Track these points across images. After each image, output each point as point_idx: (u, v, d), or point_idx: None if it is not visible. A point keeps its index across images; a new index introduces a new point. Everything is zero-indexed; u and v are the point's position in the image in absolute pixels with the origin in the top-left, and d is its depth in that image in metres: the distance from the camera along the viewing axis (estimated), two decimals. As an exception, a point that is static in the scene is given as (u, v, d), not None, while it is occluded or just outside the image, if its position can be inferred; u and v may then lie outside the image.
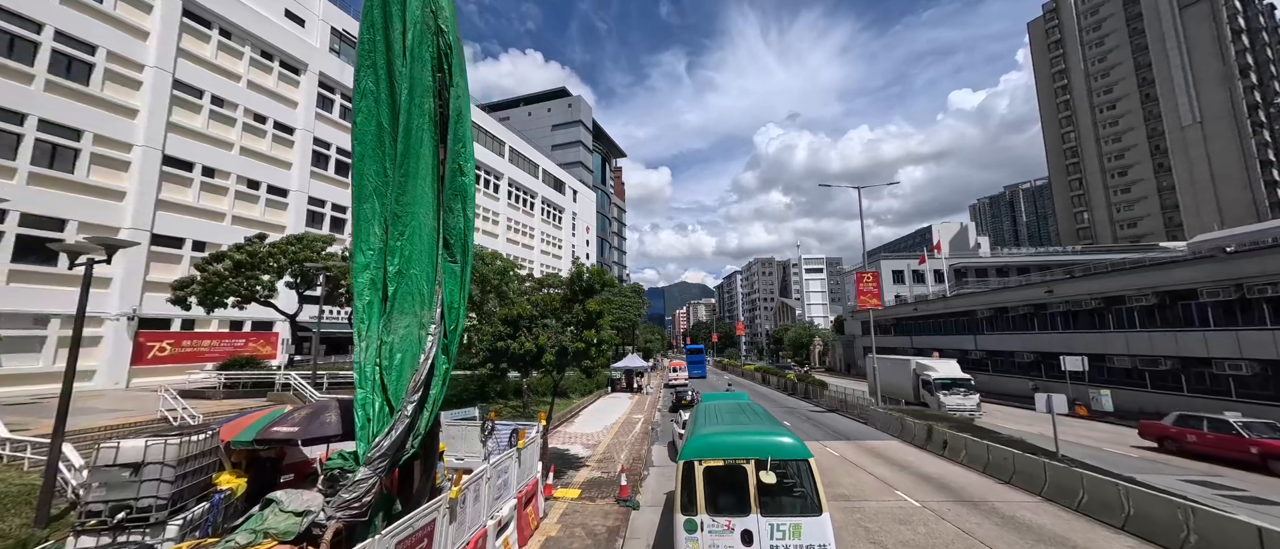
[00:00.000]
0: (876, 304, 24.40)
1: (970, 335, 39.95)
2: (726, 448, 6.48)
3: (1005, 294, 36.16)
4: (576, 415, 25.90)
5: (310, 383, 17.79)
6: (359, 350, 6.75)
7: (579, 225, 71.55)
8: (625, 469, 13.50)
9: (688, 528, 6.14)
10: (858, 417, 23.78)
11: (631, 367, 40.33)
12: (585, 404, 29.47)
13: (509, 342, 12.49)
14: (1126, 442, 18.79)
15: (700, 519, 6.13)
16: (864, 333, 63.48)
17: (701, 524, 6.11)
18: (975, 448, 13.97)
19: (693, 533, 6.11)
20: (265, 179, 27.60)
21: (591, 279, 13.67)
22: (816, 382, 31.93)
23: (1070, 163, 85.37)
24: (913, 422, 17.89)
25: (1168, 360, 24.24)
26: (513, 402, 24.52)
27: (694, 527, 6.11)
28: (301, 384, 17.35)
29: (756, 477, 6.18)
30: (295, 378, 17.54)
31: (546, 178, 62.32)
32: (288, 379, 17.72)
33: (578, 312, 13.15)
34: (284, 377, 17.72)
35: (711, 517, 6.11)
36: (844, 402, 26.52)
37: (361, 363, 6.70)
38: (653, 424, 23.27)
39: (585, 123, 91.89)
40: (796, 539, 5.86)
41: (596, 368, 13.77)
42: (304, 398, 16.51)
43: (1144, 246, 65.71)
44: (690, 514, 6.18)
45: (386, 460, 6.19)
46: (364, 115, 7.51)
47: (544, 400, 27.47)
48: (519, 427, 11.57)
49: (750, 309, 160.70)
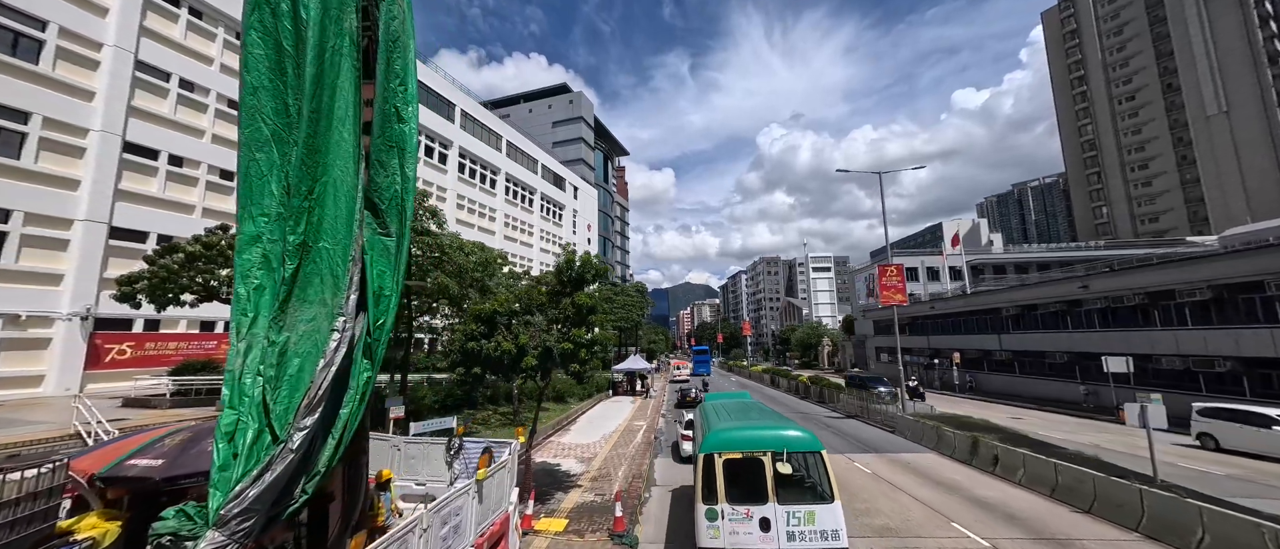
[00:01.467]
0: (901, 300, 22.23)
1: (994, 334, 37.58)
2: (745, 442, 6.76)
3: (1035, 290, 33.79)
4: (573, 422, 23.85)
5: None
6: (233, 355, 4.75)
7: (580, 223, 69.61)
8: (622, 493, 11.44)
9: (709, 517, 6.44)
10: (882, 424, 21.60)
11: (634, 368, 38.29)
12: (583, 410, 27.41)
13: (483, 342, 10.46)
14: (1198, 455, 16.48)
15: (721, 508, 6.43)
16: (877, 332, 61.11)
17: (722, 513, 6.40)
18: (1037, 467, 11.78)
19: (714, 521, 6.40)
20: (241, 170, 25.75)
21: (582, 268, 11.63)
22: (831, 384, 29.76)
23: (1088, 156, 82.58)
24: (951, 432, 15.71)
25: (1227, 361, 21.90)
26: (503, 407, 22.53)
27: (715, 515, 6.41)
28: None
29: (773, 468, 6.48)
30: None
31: (546, 173, 60.43)
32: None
33: (566, 306, 11.10)
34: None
35: (731, 506, 6.41)
36: (865, 407, 24.33)
37: (235, 373, 4.69)
38: (656, 432, 21.18)
39: (587, 119, 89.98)
40: (811, 525, 6.16)
41: (588, 372, 11.72)
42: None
43: (1167, 241, 62.85)
44: (711, 503, 6.48)
45: (255, 518, 4.18)
46: (259, 33, 5.46)
47: (544, 409, 25.59)
48: (491, 445, 9.56)
49: (756, 309, 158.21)
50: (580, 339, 10.57)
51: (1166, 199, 74.28)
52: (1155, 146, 74.91)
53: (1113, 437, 18.97)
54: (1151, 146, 75.26)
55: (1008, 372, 36.09)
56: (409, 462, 9.81)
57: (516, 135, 54.05)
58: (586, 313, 11.00)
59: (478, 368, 10.49)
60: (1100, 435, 19.41)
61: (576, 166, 78.07)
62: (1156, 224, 74.92)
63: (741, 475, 6.60)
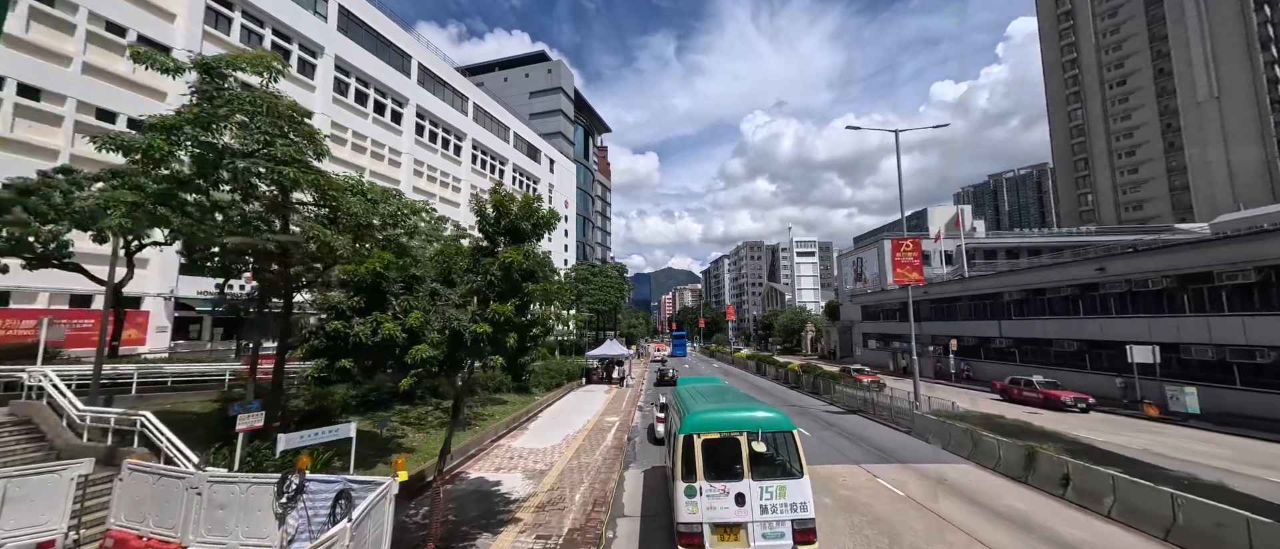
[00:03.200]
0: (918, 278, 19.15)
1: (994, 321, 35.29)
2: (723, 423, 7.04)
3: (1044, 273, 31.33)
4: (534, 418, 20.30)
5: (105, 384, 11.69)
6: None
7: (557, 198, 65.18)
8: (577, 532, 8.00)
9: (688, 493, 6.65)
10: (890, 421, 18.67)
11: (610, 354, 34.86)
12: (549, 402, 23.87)
13: (355, 321, 6.74)
14: (1247, 457, 13.81)
15: (699, 485, 6.65)
16: (865, 318, 58.95)
17: (700, 490, 6.63)
18: (1138, 496, 8.72)
19: (692, 497, 6.62)
20: (127, 110, 20.93)
21: (521, 215, 7.94)
22: (826, 374, 26.84)
23: (1076, 142, 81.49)
24: (991, 439, 12.67)
25: (1270, 352, 19.58)
26: (448, 403, 18.76)
27: (694, 492, 6.63)
28: (59, 387, 10.74)
29: (748, 447, 6.78)
30: (50, 377, 10.97)
31: (519, 143, 55.67)
32: (40, 378, 11.03)
33: (489, 268, 7.40)
34: (39, 374, 11.12)
35: (709, 483, 6.65)
36: (868, 401, 21.41)
37: None
38: (631, 431, 17.81)
39: (567, 91, 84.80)
40: (782, 499, 6.53)
41: (529, 366, 8.11)
42: (58, 410, 10.47)
43: (1151, 228, 62.01)
44: (690, 481, 6.70)
45: None
46: None
47: (501, 401, 21.83)
48: (349, 487, 5.93)
49: (738, 294, 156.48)
50: (504, 317, 6.91)
51: (1151, 187, 73.72)
52: (1143, 132, 73.99)
53: (1166, 440, 16.34)
54: (1140, 132, 74.32)
55: (1007, 360, 33.89)
56: (216, 514, 6.14)
57: (486, 99, 49.16)
58: (520, 279, 7.33)
59: (346, 360, 6.76)
60: (1144, 436, 16.79)
61: (555, 140, 73.23)
62: (1140, 212, 74.45)
63: (718, 454, 6.89)
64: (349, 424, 9.92)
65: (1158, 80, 72.38)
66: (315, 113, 29.74)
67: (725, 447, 6.86)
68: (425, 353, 6.44)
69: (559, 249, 63.71)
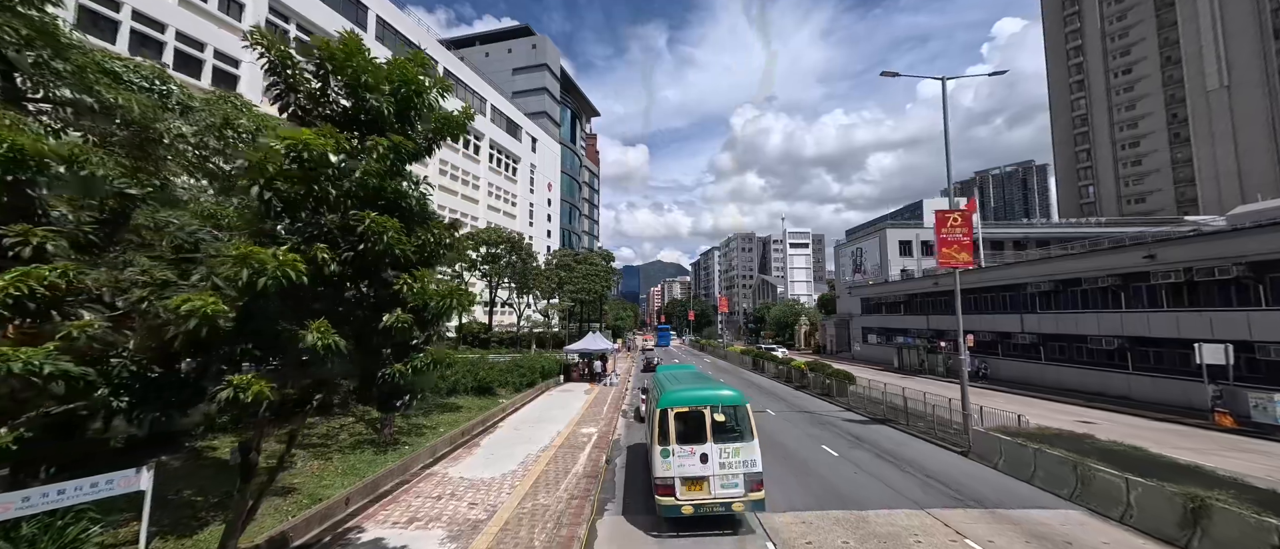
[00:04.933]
0: (967, 260, 15.49)
1: (1014, 314, 32.13)
2: (691, 400, 8.76)
3: (1078, 261, 28.06)
4: (491, 430, 16.35)
5: None
6: None
7: (539, 180, 60.74)
8: None
9: (663, 454, 8.34)
10: (934, 436, 15.10)
11: (592, 348, 30.93)
12: (515, 406, 19.92)
13: None
14: None
15: (672, 448, 8.33)
16: (865, 311, 55.84)
17: (673, 452, 8.31)
18: None
19: (667, 458, 8.29)
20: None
21: (368, 78, 3.90)
22: (840, 374, 23.30)
23: (1079, 132, 79.19)
24: (1113, 478, 9.02)
25: (1376, 352, 16.43)
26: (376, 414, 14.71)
27: (668, 453, 8.31)
28: None
29: (711, 418, 8.52)
30: None
31: (497, 117, 51.05)
32: None
33: (326, 199, 3.38)
34: None
35: (680, 445, 8.36)
36: (897, 407, 17.87)
37: None
38: (612, 448, 13.98)
39: (552, 68, 79.95)
40: (737, 457, 8.25)
41: (409, 381, 4.18)
42: None
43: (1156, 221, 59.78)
44: (665, 445, 8.40)
45: None
46: None
47: (454, 407, 17.55)
48: None
49: (728, 287, 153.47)
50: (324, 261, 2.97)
51: (1155, 179, 71.73)
52: (1148, 123, 71.81)
53: (1210, 449, 13.02)
54: (1144, 123, 72.13)
55: (1030, 357, 30.81)
56: None
57: (458, 64, 44.43)
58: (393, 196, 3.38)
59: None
60: (1248, 459, 13.43)
61: (539, 120, 68.52)
62: (1143, 205, 72.51)
63: (687, 424, 8.56)
64: (137, 472, 5.95)
65: (1165, 69, 70.08)
66: (242, 63, 25.21)
67: (693, 418, 8.57)
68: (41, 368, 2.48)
69: (541, 235, 59.42)
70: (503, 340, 37.08)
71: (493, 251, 33.18)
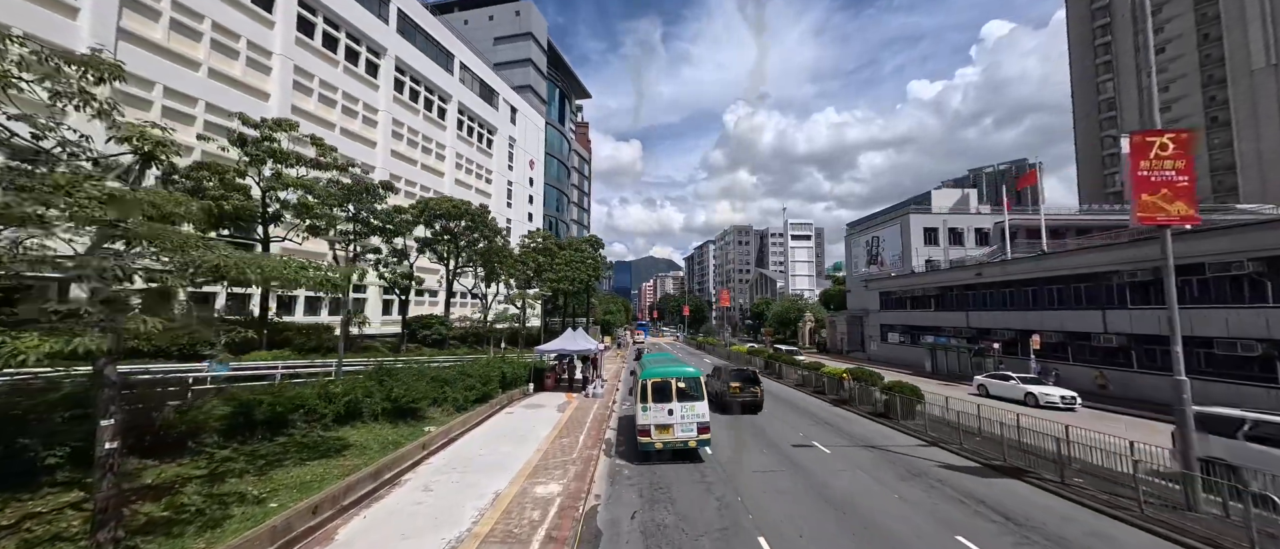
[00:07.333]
0: (1186, 213, 9.21)
1: (1095, 310, 26.14)
2: (663, 374, 12.67)
3: (1205, 241, 21.63)
4: (376, 496, 9.69)
5: None
6: None
7: (520, 156, 53.83)
8: None
9: (643, 410, 12.17)
10: (1132, 511, 8.90)
11: (573, 349, 24.38)
12: (446, 437, 13.23)
13: None
14: None
15: (650, 406, 12.16)
16: (883, 307, 49.77)
17: (650, 408, 12.14)
18: None
19: (646, 412, 12.12)
20: None
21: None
22: (908, 389, 17.00)
23: (1105, 117, 73.83)
24: None
25: None
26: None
27: (647, 409, 12.14)
28: None
29: (676, 386, 12.31)
30: None
31: (467, 77, 44.00)
32: None
33: None
34: None
35: (654, 404, 12.19)
36: (1029, 449, 11.58)
37: None
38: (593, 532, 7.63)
39: (538, 39, 72.87)
40: (693, 413, 12.14)
41: None
42: None
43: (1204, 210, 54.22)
44: (645, 404, 12.21)
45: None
46: None
47: (341, 443, 10.50)
48: None
49: (723, 281, 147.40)
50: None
51: (1188, 167, 66.50)
52: (1182, 106, 66.52)
53: None
54: (1178, 106, 66.83)
55: (1118, 364, 24.86)
56: None
57: (418, 8, 37.35)
58: None
59: None
60: None
61: (524, 94, 61.53)
62: (1174, 195, 67.29)
63: (660, 390, 12.29)
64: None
65: (1202, 48, 64.78)
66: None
67: (664, 386, 12.35)
68: None
69: (521, 218, 52.63)
70: (465, 337, 30.35)
71: (448, 226, 26.41)
